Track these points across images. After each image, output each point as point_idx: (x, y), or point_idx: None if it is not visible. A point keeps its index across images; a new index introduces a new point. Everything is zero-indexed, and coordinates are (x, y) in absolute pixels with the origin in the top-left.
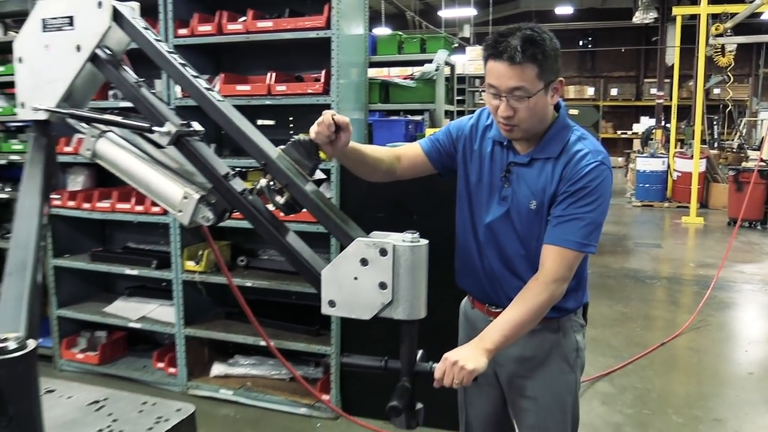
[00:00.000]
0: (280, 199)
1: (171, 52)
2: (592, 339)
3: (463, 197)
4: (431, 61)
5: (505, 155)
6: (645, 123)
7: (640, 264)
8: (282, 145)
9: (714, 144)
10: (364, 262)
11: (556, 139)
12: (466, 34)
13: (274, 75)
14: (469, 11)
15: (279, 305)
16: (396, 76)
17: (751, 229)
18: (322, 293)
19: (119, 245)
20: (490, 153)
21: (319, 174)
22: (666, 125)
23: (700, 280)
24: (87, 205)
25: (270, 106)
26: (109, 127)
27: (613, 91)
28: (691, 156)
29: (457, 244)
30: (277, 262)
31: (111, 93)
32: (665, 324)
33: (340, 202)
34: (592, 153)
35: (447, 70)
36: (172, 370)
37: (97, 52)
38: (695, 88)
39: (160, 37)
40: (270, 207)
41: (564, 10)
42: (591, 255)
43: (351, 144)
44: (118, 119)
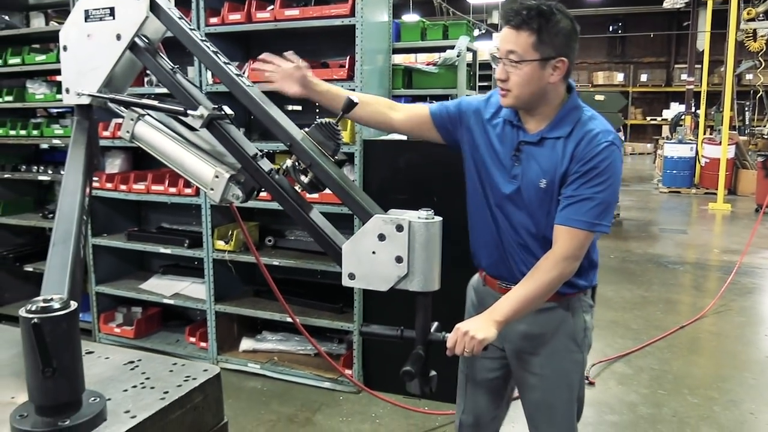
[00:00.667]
0: (304, 179)
1: (204, 40)
2: (611, 321)
3: (473, 173)
4: (453, 47)
5: (516, 134)
6: (675, 109)
7: (663, 249)
8: (306, 128)
9: (745, 130)
10: (381, 237)
11: (566, 119)
12: (494, 20)
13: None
14: None
15: (304, 284)
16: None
17: None
18: (342, 266)
19: (154, 225)
20: (500, 131)
21: (341, 155)
22: (695, 111)
23: (723, 265)
24: (124, 187)
25: None
26: (147, 111)
27: (643, 77)
28: (720, 142)
29: (471, 219)
30: (303, 242)
31: (146, 80)
32: (686, 308)
33: (363, 184)
34: (603, 133)
35: (469, 56)
36: (203, 344)
37: (136, 40)
38: (725, 73)
39: (193, 26)
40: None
41: None
42: (613, 239)
43: (330, 87)
44: (155, 103)
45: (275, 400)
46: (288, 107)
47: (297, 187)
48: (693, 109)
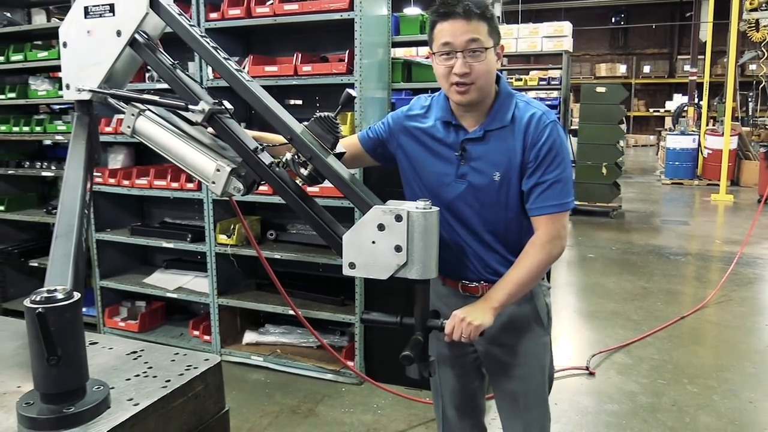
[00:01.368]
0: (304, 171)
1: (203, 36)
2: (612, 312)
3: (411, 181)
4: None
5: (456, 134)
6: (678, 100)
7: (665, 241)
8: (306, 122)
9: (748, 121)
10: (381, 227)
11: (503, 108)
12: (497, 12)
13: (300, 56)
14: None
15: (306, 277)
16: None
17: None
18: (343, 256)
19: (156, 220)
20: (438, 134)
21: (340, 148)
22: (698, 102)
23: (725, 256)
24: (126, 182)
25: (297, 86)
26: (147, 106)
27: (646, 69)
28: (722, 133)
29: None
30: (305, 235)
31: (147, 75)
32: (687, 299)
33: (364, 178)
34: (544, 114)
35: None
36: (206, 337)
37: (136, 36)
38: (728, 64)
39: (193, 23)
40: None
41: None
42: (615, 230)
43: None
44: (155, 98)
45: (278, 391)
46: (288, 101)
47: (297, 180)
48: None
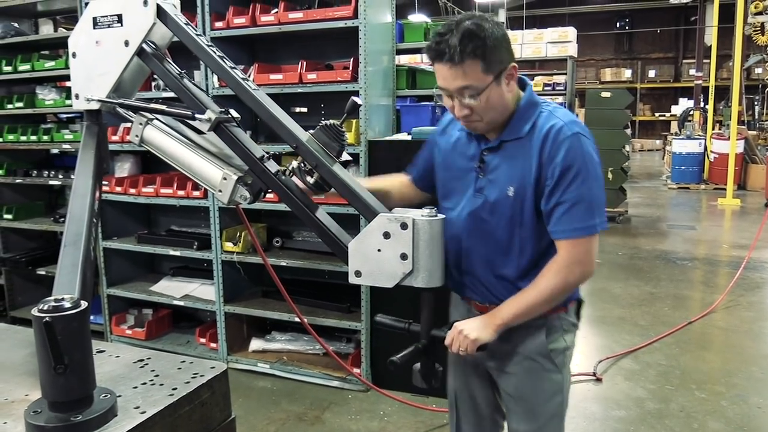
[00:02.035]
0: (310, 179)
1: (210, 45)
2: (619, 318)
3: (442, 198)
4: None
5: (477, 144)
6: (684, 105)
7: (672, 246)
8: (312, 130)
9: (754, 125)
10: (386, 235)
11: (523, 119)
12: (501, 18)
13: (305, 64)
14: None
15: (312, 284)
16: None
17: None
18: (349, 264)
19: (163, 228)
20: (459, 143)
21: (346, 156)
22: (704, 107)
23: (732, 261)
24: (133, 191)
25: (302, 93)
26: (155, 115)
27: (651, 73)
28: (728, 137)
29: None
30: (310, 243)
31: (153, 84)
32: (694, 304)
33: None
34: (566, 125)
35: None
36: (213, 345)
37: (144, 46)
38: (734, 68)
39: (199, 32)
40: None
41: None
42: (621, 236)
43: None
44: (163, 108)
45: (285, 399)
46: (293, 109)
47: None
48: (702, 105)
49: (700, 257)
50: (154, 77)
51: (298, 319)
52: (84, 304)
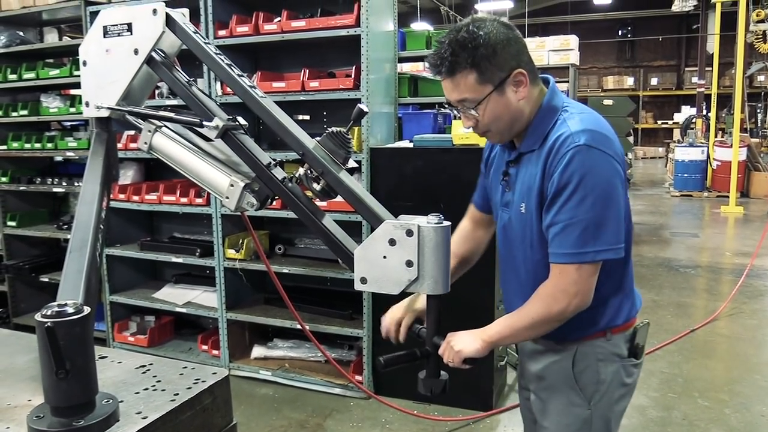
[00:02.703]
0: (316, 186)
1: (218, 53)
2: None
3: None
4: None
5: (509, 155)
6: (686, 112)
7: (674, 253)
8: (318, 137)
9: (757, 132)
10: (392, 242)
11: (540, 126)
12: None
13: (307, 72)
14: (506, 4)
15: (314, 291)
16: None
17: None
18: (354, 271)
19: (166, 235)
20: (497, 156)
21: (352, 163)
22: (707, 114)
23: (735, 268)
24: (136, 198)
25: (305, 101)
26: (164, 123)
27: (653, 81)
28: (731, 145)
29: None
30: (313, 250)
31: (158, 92)
32: (697, 312)
33: (370, 191)
34: (574, 134)
35: None
36: (215, 352)
37: (153, 54)
38: (736, 75)
39: (208, 40)
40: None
41: None
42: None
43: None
44: (171, 115)
45: (286, 406)
46: (296, 117)
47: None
48: (704, 112)
49: (702, 265)
50: (158, 85)
51: (300, 327)
52: (87, 309)
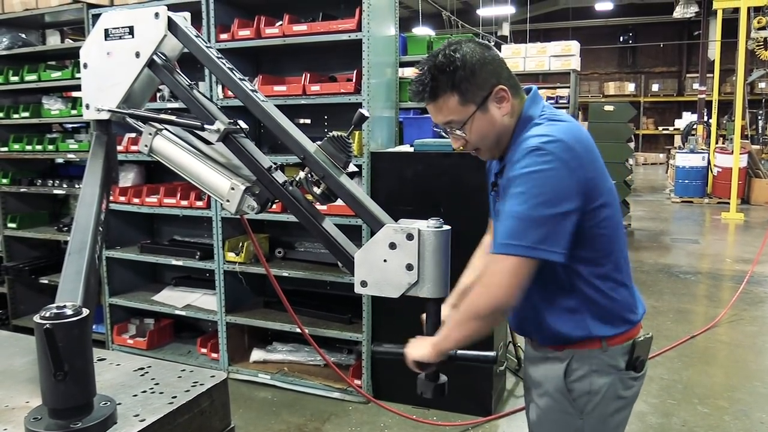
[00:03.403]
0: (317, 190)
1: (220, 57)
2: None
3: None
4: None
5: (493, 167)
6: (687, 118)
7: (675, 259)
8: (319, 141)
9: (758, 139)
10: (392, 245)
11: (518, 138)
12: (505, 32)
13: (308, 76)
14: (508, 9)
15: (314, 295)
16: None
17: None
18: (355, 274)
19: (166, 238)
20: (492, 168)
21: (352, 167)
22: (707, 120)
23: (735, 275)
24: (136, 200)
25: (306, 105)
26: (164, 126)
27: (655, 87)
28: (732, 151)
29: None
30: (313, 253)
31: (159, 95)
32: (697, 318)
33: (370, 195)
34: (533, 138)
35: None
36: (214, 355)
37: (154, 58)
38: (737, 82)
39: (209, 44)
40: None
41: (604, 6)
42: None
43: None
44: (173, 118)
45: (285, 410)
46: (297, 120)
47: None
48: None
49: (703, 271)
50: (159, 88)
51: (299, 330)
52: (85, 311)
